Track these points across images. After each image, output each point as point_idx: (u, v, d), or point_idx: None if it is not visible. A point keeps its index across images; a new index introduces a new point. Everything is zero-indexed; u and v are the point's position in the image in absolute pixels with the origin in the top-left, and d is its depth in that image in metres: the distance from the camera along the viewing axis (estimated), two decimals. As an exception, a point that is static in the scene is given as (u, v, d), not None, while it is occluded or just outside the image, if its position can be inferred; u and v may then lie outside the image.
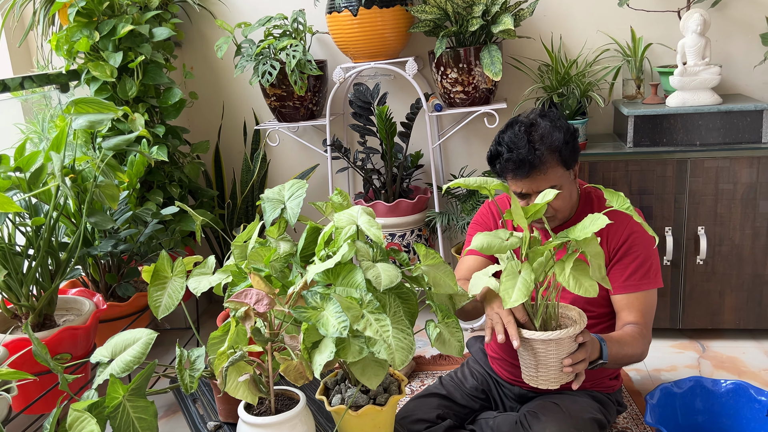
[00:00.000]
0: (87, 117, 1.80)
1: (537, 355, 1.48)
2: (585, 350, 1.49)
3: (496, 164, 1.75)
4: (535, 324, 1.51)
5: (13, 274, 1.75)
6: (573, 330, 1.45)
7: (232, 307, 1.35)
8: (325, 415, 1.69)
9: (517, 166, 1.68)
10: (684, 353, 2.48)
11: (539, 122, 1.72)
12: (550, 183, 1.70)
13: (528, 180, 1.70)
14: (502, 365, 1.93)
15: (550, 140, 1.69)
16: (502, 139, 1.73)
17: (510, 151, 1.69)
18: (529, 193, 1.73)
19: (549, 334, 1.44)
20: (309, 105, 2.73)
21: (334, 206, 1.60)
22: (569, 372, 1.47)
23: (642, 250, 1.76)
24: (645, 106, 2.43)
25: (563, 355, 1.47)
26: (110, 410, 1.33)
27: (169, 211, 2.27)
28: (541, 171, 1.68)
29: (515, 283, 1.39)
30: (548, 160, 1.68)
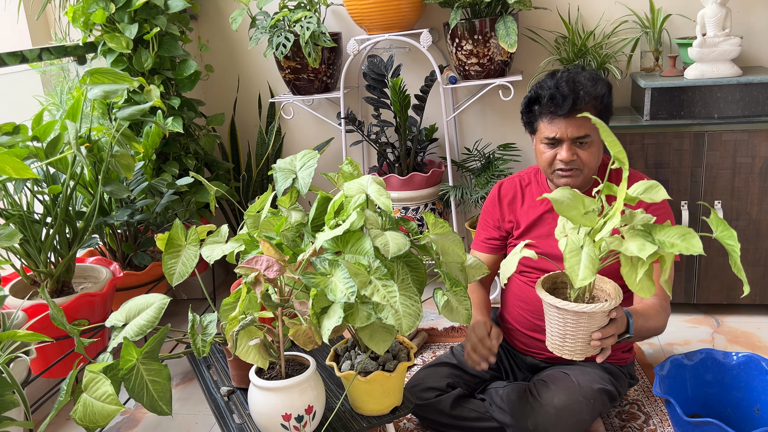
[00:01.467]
0: (102, 87, 1.82)
1: (567, 325, 1.45)
2: (615, 325, 1.47)
3: (535, 107, 1.76)
4: (570, 293, 1.46)
5: (31, 241, 1.79)
6: (608, 305, 1.42)
7: (242, 273, 1.37)
8: (335, 381, 1.72)
9: (559, 102, 1.69)
10: (698, 328, 2.47)
11: (581, 72, 1.76)
12: (585, 131, 1.71)
13: (566, 121, 1.71)
14: (516, 335, 1.95)
15: (593, 85, 1.72)
16: (543, 83, 1.76)
17: (552, 90, 1.72)
18: (561, 140, 1.73)
19: (584, 307, 1.40)
20: (323, 78, 2.73)
21: (344, 176, 1.60)
22: (597, 346, 1.45)
23: (662, 208, 1.79)
24: (663, 79, 2.40)
25: (593, 329, 1.44)
26: (124, 372, 1.36)
27: (184, 182, 2.29)
28: (581, 112, 1.67)
29: (580, 260, 1.34)
30: (589, 105, 1.71)
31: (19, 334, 1.35)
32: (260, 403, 1.42)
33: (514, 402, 1.74)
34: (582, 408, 1.67)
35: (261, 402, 1.42)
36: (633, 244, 1.30)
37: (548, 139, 1.75)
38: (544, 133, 1.76)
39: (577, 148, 1.74)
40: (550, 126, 1.74)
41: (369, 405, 1.54)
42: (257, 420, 1.45)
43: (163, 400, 1.39)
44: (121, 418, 2.16)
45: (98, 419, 1.31)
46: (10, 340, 1.42)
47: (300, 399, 1.41)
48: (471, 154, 2.81)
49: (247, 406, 1.63)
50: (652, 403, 2.02)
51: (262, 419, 1.43)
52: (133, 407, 2.22)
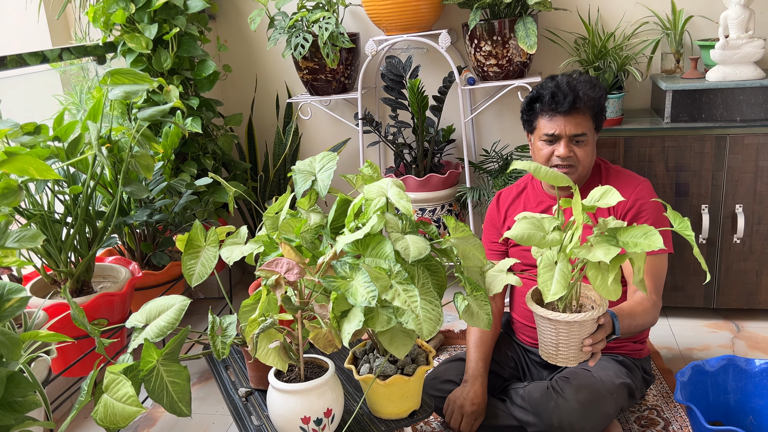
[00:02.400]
0: (123, 87, 1.82)
1: (559, 334, 1.49)
2: (603, 331, 1.53)
3: (536, 105, 1.86)
4: (558, 304, 1.51)
5: (52, 241, 1.80)
6: (597, 312, 1.47)
7: (263, 276, 1.37)
8: (353, 384, 1.71)
9: (560, 100, 1.79)
10: (718, 333, 2.45)
11: (579, 77, 1.86)
12: (582, 129, 1.81)
13: (565, 118, 1.81)
14: (524, 331, 2.00)
15: (591, 88, 1.82)
16: (544, 84, 1.86)
17: (553, 88, 1.82)
18: (560, 137, 1.82)
19: (574, 317, 1.45)
20: (341, 78, 2.73)
21: (364, 178, 1.60)
22: (588, 351, 1.50)
23: (650, 214, 1.82)
24: (684, 81, 2.37)
25: (584, 336, 1.49)
26: (144, 374, 1.37)
27: (202, 182, 2.30)
28: (579, 111, 1.81)
29: (553, 275, 1.39)
30: (586, 106, 1.81)
31: (41, 335, 1.35)
32: (279, 406, 1.42)
33: (536, 400, 1.74)
34: (606, 402, 1.69)
35: (280, 404, 1.42)
36: (599, 251, 1.35)
37: (547, 136, 1.84)
38: (543, 129, 1.85)
39: (573, 146, 1.83)
40: (549, 123, 1.84)
41: (387, 408, 1.54)
42: (276, 422, 1.45)
43: (183, 402, 1.39)
44: (139, 417, 2.17)
45: (119, 420, 1.31)
46: (32, 340, 1.42)
47: (319, 402, 1.41)
48: (488, 156, 2.80)
49: (265, 407, 1.64)
50: (672, 409, 2.00)
51: (281, 421, 1.43)
52: (151, 406, 2.23)
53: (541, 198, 1.97)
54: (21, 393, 1.18)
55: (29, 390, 1.19)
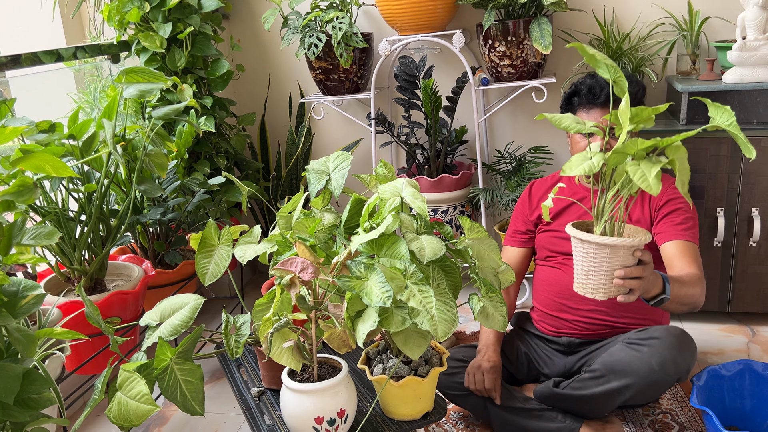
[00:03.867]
0: (137, 86, 1.83)
1: (590, 260, 1.40)
2: (642, 269, 1.42)
3: (574, 99, 1.92)
4: (596, 230, 1.42)
5: (66, 239, 1.80)
6: (631, 240, 1.37)
7: (277, 275, 1.36)
8: (366, 385, 1.71)
9: (597, 92, 1.85)
10: (732, 337, 2.43)
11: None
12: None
13: (603, 110, 1.85)
14: (546, 320, 2.01)
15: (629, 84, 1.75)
16: (582, 80, 1.92)
17: (591, 83, 1.87)
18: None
19: (605, 239, 1.37)
20: (354, 78, 2.72)
21: (378, 178, 1.59)
22: (619, 285, 1.40)
23: (686, 208, 1.84)
24: (700, 82, 2.35)
25: (616, 266, 1.40)
26: (158, 372, 1.37)
27: (216, 182, 2.30)
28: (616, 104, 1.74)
29: (582, 161, 1.38)
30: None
31: (56, 332, 1.36)
32: (292, 406, 1.41)
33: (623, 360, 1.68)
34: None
35: (293, 404, 1.41)
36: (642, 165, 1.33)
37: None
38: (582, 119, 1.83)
39: (610, 140, 1.85)
40: (587, 115, 1.89)
41: (400, 410, 1.53)
42: (289, 422, 1.44)
43: (196, 400, 1.39)
44: (151, 415, 2.17)
45: (133, 418, 1.31)
46: (46, 337, 1.43)
47: (332, 402, 1.40)
48: (502, 157, 2.79)
49: (277, 407, 1.63)
50: (686, 413, 1.98)
51: (294, 421, 1.42)
52: (162, 405, 2.23)
53: (575, 189, 2.00)
54: (36, 390, 1.18)
55: (44, 387, 1.20)
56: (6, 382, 1.07)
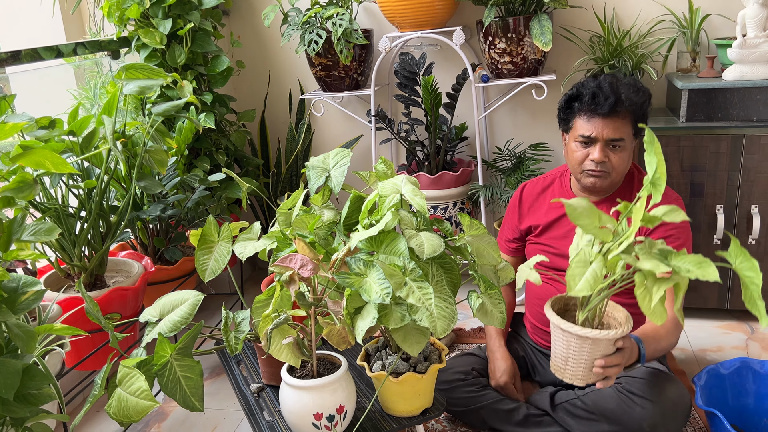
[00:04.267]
0: (137, 82, 1.83)
1: (570, 347, 1.42)
2: (622, 356, 1.44)
3: (575, 104, 1.79)
4: (578, 316, 1.43)
5: (66, 235, 1.81)
6: (614, 333, 1.38)
7: (277, 272, 1.37)
8: (365, 381, 1.71)
9: (601, 101, 1.72)
10: (731, 334, 2.43)
11: (623, 78, 1.78)
12: (620, 134, 1.74)
13: (604, 120, 1.73)
14: (539, 334, 1.99)
15: (635, 92, 1.74)
16: (586, 83, 1.79)
17: (594, 88, 1.75)
18: (596, 140, 1.75)
19: (588, 332, 1.37)
20: (354, 75, 2.72)
21: (378, 175, 1.59)
22: (599, 374, 1.42)
23: (682, 234, 1.75)
24: (700, 80, 2.35)
25: (597, 356, 1.41)
26: (158, 368, 1.37)
27: (216, 178, 2.30)
28: (619, 115, 1.73)
29: (584, 272, 1.29)
30: (627, 110, 1.73)
31: (56, 328, 1.36)
32: (292, 402, 1.42)
33: (613, 410, 1.68)
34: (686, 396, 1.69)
35: (293, 400, 1.41)
36: (647, 263, 1.25)
37: (583, 137, 1.77)
38: (579, 130, 1.78)
39: (609, 151, 1.76)
40: (587, 124, 1.76)
41: (399, 406, 1.53)
42: (288, 418, 1.45)
43: (196, 396, 1.39)
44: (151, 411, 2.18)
45: (132, 414, 1.31)
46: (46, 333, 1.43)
47: (332, 398, 1.41)
48: (502, 154, 2.79)
49: (277, 403, 1.64)
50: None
51: (294, 418, 1.42)
52: (162, 401, 2.23)
53: (568, 197, 1.91)
54: (36, 385, 1.18)
55: (44, 383, 1.20)
56: (6, 377, 1.08)
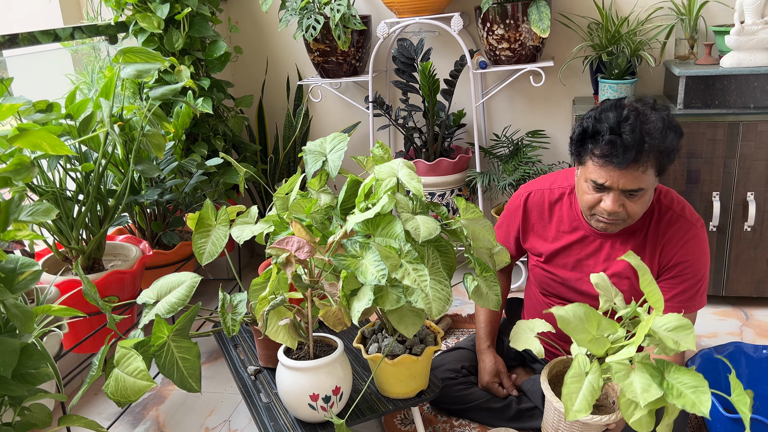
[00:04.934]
0: (135, 66, 1.82)
1: (560, 423, 1.44)
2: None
3: (589, 143, 1.52)
4: None
5: (64, 218, 1.81)
6: (606, 420, 1.38)
7: (274, 254, 1.37)
8: (361, 364, 1.72)
9: (618, 153, 1.46)
10: (726, 321, 2.44)
11: (650, 115, 1.50)
12: (640, 185, 1.51)
13: (621, 172, 1.49)
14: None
15: (662, 138, 1.48)
16: (605, 117, 1.51)
17: (614, 133, 1.47)
18: (610, 188, 1.53)
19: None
20: (352, 61, 2.72)
21: (375, 159, 1.60)
22: None
23: (695, 273, 1.64)
24: (698, 67, 2.35)
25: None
26: (155, 349, 1.38)
27: (213, 163, 2.30)
28: (640, 167, 1.48)
29: (580, 388, 1.24)
30: (651, 159, 1.49)
31: (54, 309, 1.37)
32: (288, 383, 1.43)
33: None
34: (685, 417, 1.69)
35: (289, 381, 1.43)
36: (638, 381, 1.20)
37: (595, 184, 1.55)
38: (591, 175, 1.54)
39: (625, 199, 1.54)
40: (600, 171, 1.52)
41: (395, 388, 1.55)
42: (285, 399, 1.46)
43: (193, 377, 1.41)
44: (149, 395, 2.19)
45: (129, 394, 1.33)
46: (44, 314, 1.44)
47: (328, 380, 1.42)
48: (499, 141, 2.79)
49: (273, 385, 1.65)
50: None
51: (290, 398, 1.44)
52: (160, 384, 2.25)
53: (578, 223, 1.73)
54: (34, 365, 1.19)
55: (42, 362, 1.21)
56: (4, 356, 1.08)
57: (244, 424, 2.00)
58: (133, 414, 2.09)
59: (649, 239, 1.66)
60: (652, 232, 1.66)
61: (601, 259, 1.71)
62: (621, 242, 1.69)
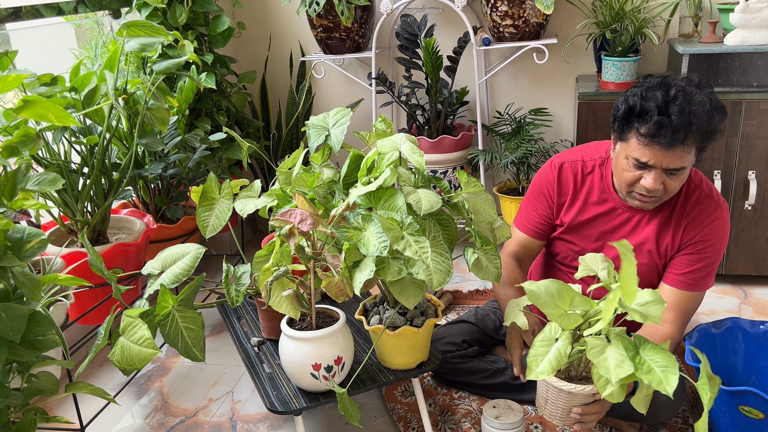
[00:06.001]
0: (139, 39, 1.83)
1: (549, 393, 1.47)
2: (599, 405, 1.46)
3: (635, 121, 1.50)
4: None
5: (69, 190, 1.83)
6: (590, 389, 1.40)
7: (277, 226, 1.39)
8: (363, 336, 1.75)
9: (667, 134, 1.44)
10: (725, 299, 2.46)
11: (696, 95, 1.47)
12: (683, 164, 1.50)
13: (666, 152, 1.48)
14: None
15: (708, 119, 1.46)
16: (652, 95, 1.48)
17: (662, 114, 1.45)
18: (652, 167, 1.52)
19: (564, 385, 1.41)
20: (355, 37, 2.71)
21: (377, 133, 1.61)
22: (576, 419, 1.46)
23: (713, 253, 1.66)
24: (701, 45, 2.35)
25: (575, 404, 1.45)
26: (160, 318, 1.40)
27: (217, 137, 2.31)
28: (685, 147, 1.47)
29: (547, 352, 1.30)
30: (696, 139, 1.48)
31: (60, 278, 1.39)
32: (291, 353, 1.45)
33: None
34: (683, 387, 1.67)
35: (292, 351, 1.45)
36: (612, 356, 1.25)
37: (638, 162, 1.53)
38: (634, 152, 1.53)
39: (666, 177, 1.54)
40: (645, 149, 1.50)
41: (396, 359, 1.57)
42: (287, 369, 1.48)
43: (197, 347, 1.43)
44: (152, 366, 2.22)
45: (135, 362, 1.35)
46: (50, 284, 1.46)
47: (330, 350, 1.44)
48: (502, 118, 2.80)
49: (276, 356, 1.68)
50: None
51: (293, 368, 1.46)
52: (164, 356, 2.28)
53: (607, 195, 1.72)
54: (41, 331, 1.21)
55: (49, 329, 1.23)
56: (13, 321, 1.11)
57: (247, 395, 2.03)
58: (137, 385, 2.12)
59: (675, 215, 1.67)
60: (679, 208, 1.67)
61: (625, 233, 1.72)
62: (649, 217, 1.69)
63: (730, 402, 1.57)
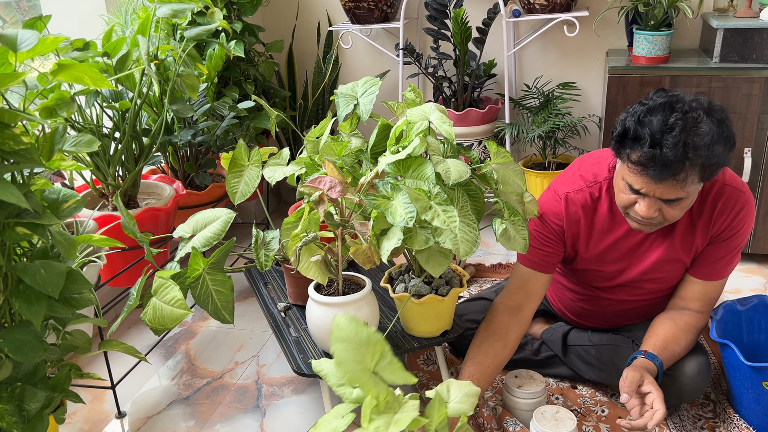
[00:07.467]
0: (170, 6, 1.84)
1: None
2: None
3: (627, 147, 1.41)
4: None
5: (101, 155, 1.86)
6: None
7: (306, 192, 1.41)
8: (388, 305, 1.77)
9: (657, 168, 1.36)
10: (751, 278, 2.45)
11: (702, 124, 1.36)
12: (678, 195, 1.42)
13: (657, 185, 1.40)
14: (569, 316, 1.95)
15: (707, 153, 1.34)
16: (648, 120, 1.38)
17: (654, 146, 1.35)
18: (645, 195, 1.45)
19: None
20: (383, 7, 2.70)
21: (407, 102, 1.61)
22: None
23: (740, 242, 1.61)
24: (737, 19, 2.30)
25: None
26: (191, 281, 1.43)
27: (245, 105, 2.33)
28: (678, 181, 1.37)
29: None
30: (693, 173, 1.37)
31: (94, 239, 1.42)
32: (317, 317, 1.48)
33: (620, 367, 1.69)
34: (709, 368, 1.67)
35: (318, 316, 1.48)
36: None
37: (631, 188, 1.46)
38: (627, 178, 1.45)
39: (662, 204, 1.45)
40: (635, 176, 1.42)
41: (420, 327, 1.59)
42: (314, 333, 1.51)
43: (226, 310, 1.46)
44: (180, 330, 2.27)
45: (167, 322, 1.38)
46: (84, 244, 1.49)
47: (356, 315, 1.46)
48: (530, 92, 2.77)
49: (303, 321, 1.70)
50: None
51: (319, 332, 1.49)
52: (191, 320, 2.33)
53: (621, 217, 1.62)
54: (77, 289, 1.25)
55: (84, 287, 1.26)
56: (52, 277, 1.14)
57: (273, 359, 2.07)
58: (165, 347, 2.17)
59: (698, 216, 1.59)
60: (698, 207, 1.58)
61: (647, 246, 1.65)
62: (669, 225, 1.61)
63: (753, 378, 1.57)
